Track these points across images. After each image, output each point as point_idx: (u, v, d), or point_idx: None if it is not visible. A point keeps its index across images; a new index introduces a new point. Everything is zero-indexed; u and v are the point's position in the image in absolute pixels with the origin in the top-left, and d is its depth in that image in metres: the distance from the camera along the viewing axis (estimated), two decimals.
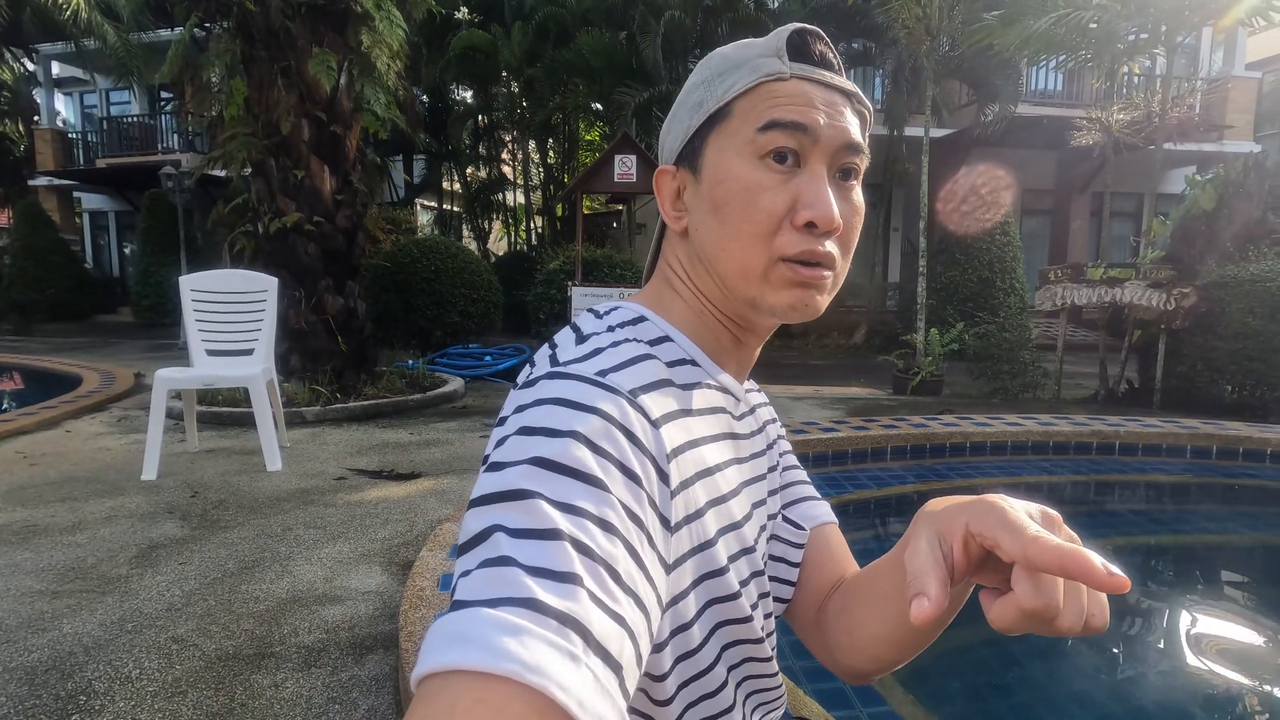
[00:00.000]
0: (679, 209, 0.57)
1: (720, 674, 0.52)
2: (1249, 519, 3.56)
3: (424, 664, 0.30)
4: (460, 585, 0.34)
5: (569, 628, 0.31)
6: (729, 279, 0.53)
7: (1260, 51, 14.55)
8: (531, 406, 0.42)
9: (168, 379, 3.39)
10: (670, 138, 0.57)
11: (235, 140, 5.24)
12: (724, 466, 0.53)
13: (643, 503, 0.41)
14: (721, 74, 0.53)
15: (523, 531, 0.35)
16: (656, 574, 0.40)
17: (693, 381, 0.53)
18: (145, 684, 1.71)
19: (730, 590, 0.51)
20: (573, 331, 0.54)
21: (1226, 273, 5.51)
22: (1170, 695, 2.13)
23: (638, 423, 0.43)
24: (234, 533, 2.71)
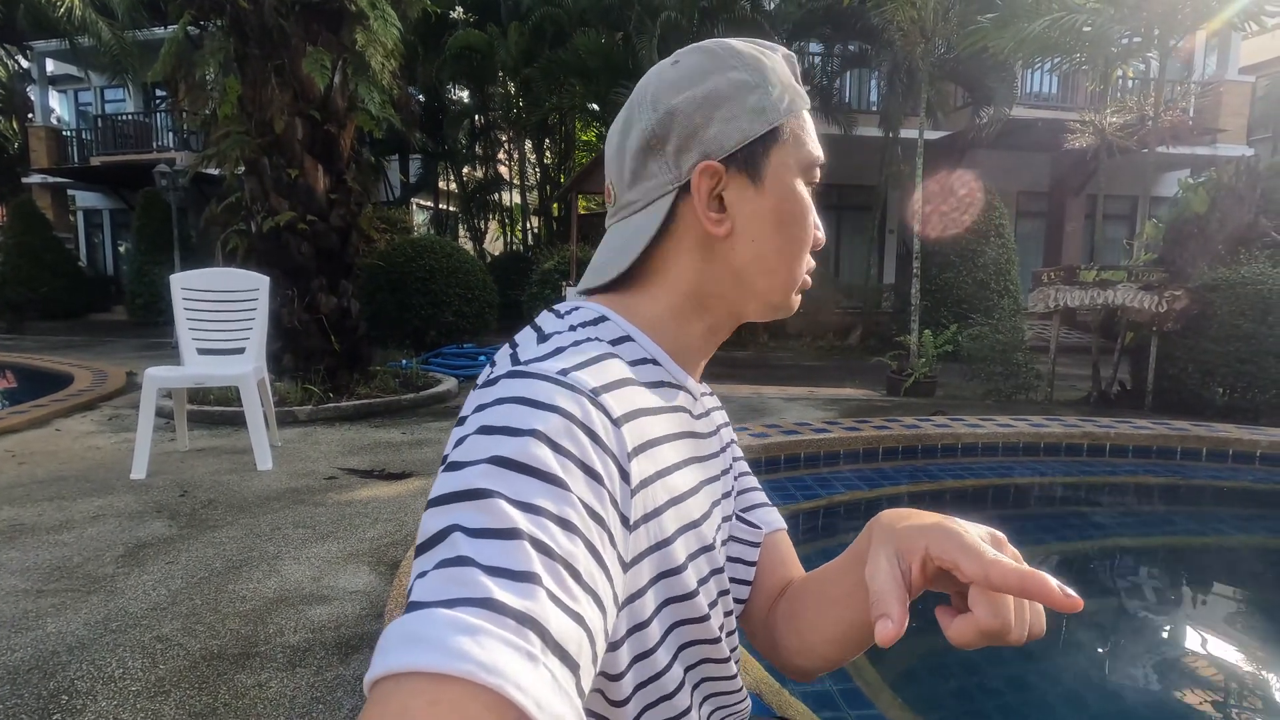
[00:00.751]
0: (718, 212, 0.54)
1: (677, 674, 0.52)
2: (1238, 521, 3.57)
3: (377, 667, 0.29)
4: (416, 586, 0.33)
5: (527, 627, 0.31)
6: (774, 289, 0.57)
7: (1253, 56, 14.62)
8: (492, 405, 0.42)
9: (157, 378, 3.38)
10: (715, 131, 0.53)
11: (229, 139, 5.22)
12: (683, 465, 0.53)
13: (604, 501, 0.41)
14: (770, 84, 0.54)
15: (481, 531, 0.35)
16: (615, 573, 0.40)
17: (654, 381, 0.53)
18: (128, 683, 1.70)
19: (687, 589, 0.51)
20: (533, 330, 0.53)
21: (1218, 275, 5.53)
22: (1157, 695, 2.13)
23: (599, 421, 0.43)
24: (222, 532, 2.70)
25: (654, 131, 0.54)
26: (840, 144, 11.66)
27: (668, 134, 0.53)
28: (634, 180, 0.55)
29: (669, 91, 0.54)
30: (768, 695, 1.71)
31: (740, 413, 5.17)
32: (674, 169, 0.54)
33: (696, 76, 0.54)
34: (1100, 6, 6.42)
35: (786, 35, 11.02)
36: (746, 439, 3.76)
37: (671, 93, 0.54)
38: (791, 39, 11.32)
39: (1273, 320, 5.17)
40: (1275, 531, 3.48)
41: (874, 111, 11.95)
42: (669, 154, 0.53)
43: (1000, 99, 10.33)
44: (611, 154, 0.58)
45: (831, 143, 11.77)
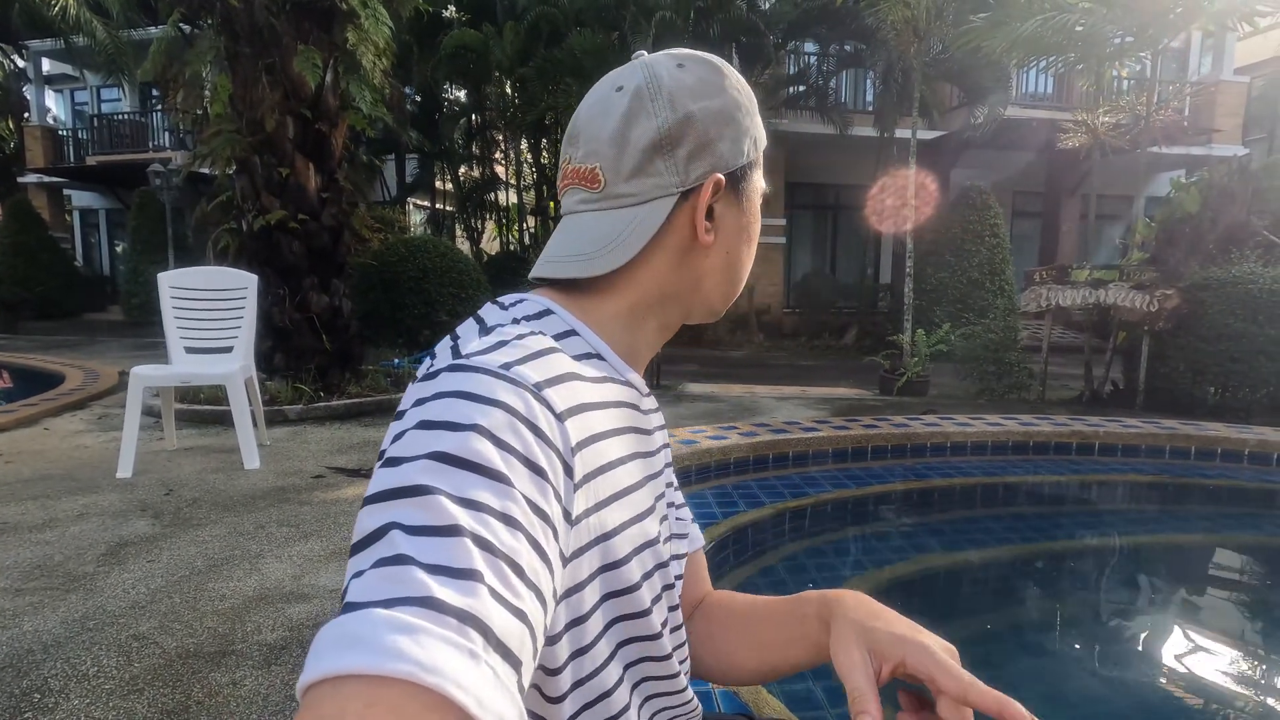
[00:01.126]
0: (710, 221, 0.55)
1: (615, 671, 0.51)
2: (1225, 519, 3.58)
3: (311, 671, 0.28)
4: (352, 586, 0.32)
5: (469, 626, 0.31)
6: (725, 296, 0.60)
7: (1248, 56, 14.64)
8: (432, 400, 0.41)
9: (144, 376, 3.37)
10: (727, 146, 0.55)
11: (220, 137, 5.22)
12: (628, 460, 0.53)
13: (548, 496, 0.40)
14: (756, 111, 0.59)
15: (421, 528, 0.34)
16: (556, 567, 0.40)
17: (599, 376, 0.52)
18: (102, 681, 1.69)
19: (630, 582, 0.50)
20: (475, 322, 0.53)
21: (1209, 274, 5.54)
22: (1143, 694, 2.13)
23: (542, 416, 0.42)
24: (205, 530, 2.70)
25: (670, 131, 0.53)
26: (836, 144, 11.68)
27: (683, 138, 0.53)
28: (635, 174, 0.53)
29: (687, 96, 0.54)
30: (745, 693, 1.70)
31: (732, 412, 5.17)
32: (681, 173, 0.53)
33: (712, 90, 0.55)
34: (1093, 6, 6.43)
35: (782, 35, 11.03)
36: (735, 438, 3.76)
37: (690, 98, 0.54)
38: (787, 38, 11.33)
39: (1263, 319, 5.18)
40: (1262, 530, 3.48)
41: (869, 111, 11.96)
42: (680, 157, 0.53)
43: (995, 99, 10.34)
44: (603, 136, 0.54)
45: (827, 142, 11.79)
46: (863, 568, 2.83)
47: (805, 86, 11.68)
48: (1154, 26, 6.35)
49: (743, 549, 2.82)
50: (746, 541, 2.87)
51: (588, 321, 0.54)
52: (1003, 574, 2.96)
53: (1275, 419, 4.99)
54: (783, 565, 2.78)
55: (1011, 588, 2.92)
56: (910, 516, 3.44)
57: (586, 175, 0.55)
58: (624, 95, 0.54)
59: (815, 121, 11.47)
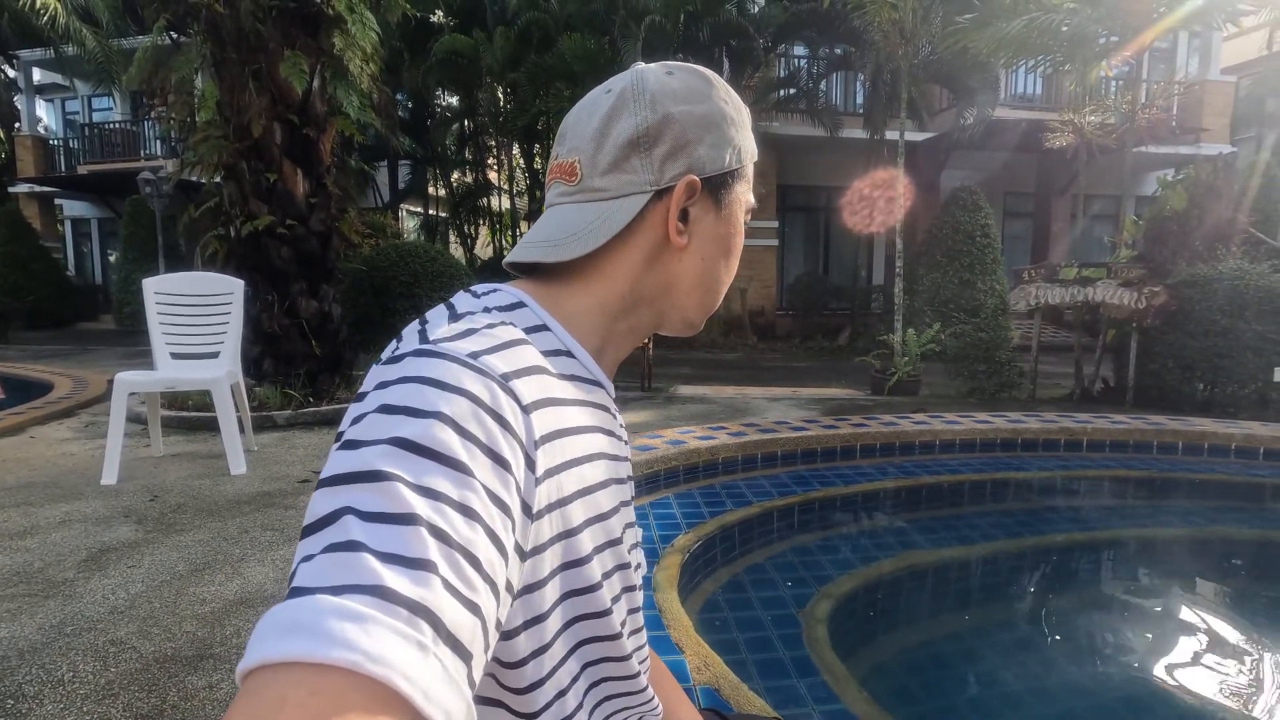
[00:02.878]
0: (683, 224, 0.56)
1: (572, 668, 0.51)
2: (1213, 513, 3.59)
3: (252, 656, 0.28)
4: (301, 570, 0.32)
5: (420, 617, 0.30)
6: (699, 306, 0.59)
7: (1235, 56, 14.75)
8: (395, 384, 0.40)
9: (128, 382, 3.36)
10: (707, 151, 0.55)
11: (207, 143, 5.20)
12: (594, 459, 0.52)
13: (509, 488, 0.40)
14: (744, 124, 0.58)
15: (375, 515, 0.33)
16: (513, 561, 0.39)
17: (567, 373, 0.52)
18: (77, 687, 1.68)
19: (591, 581, 0.50)
20: (446, 309, 0.52)
21: (1196, 271, 5.56)
22: (1131, 687, 2.13)
23: (508, 407, 0.42)
24: (188, 535, 2.68)
25: (648, 130, 0.54)
26: (827, 146, 11.72)
27: (660, 137, 0.54)
28: (610, 169, 0.55)
29: (669, 99, 0.55)
30: (726, 690, 1.69)
31: (723, 413, 5.17)
32: (656, 172, 0.54)
33: (696, 96, 0.56)
34: (1078, 6, 6.47)
35: (771, 38, 11.08)
36: (723, 438, 3.76)
37: (671, 101, 0.55)
38: (776, 42, 11.37)
39: (1250, 316, 5.20)
40: (1248, 523, 3.49)
41: (859, 114, 12.01)
42: (656, 156, 0.54)
43: (983, 100, 10.40)
44: (586, 133, 0.55)
45: (818, 145, 11.84)
46: (850, 565, 2.82)
47: (795, 89, 11.72)
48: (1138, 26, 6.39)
49: (730, 548, 2.82)
50: (734, 540, 2.86)
51: (558, 316, 0.54)
52: (991, 570, 2.96)
53: (1262, 414, 5.02)
54: (770, 564, 2.77)
55: (999, 584, 2.92)
56: (899, 514, 3.44)
57: (567, 169, 0.57)
58: (610, 95, 0.56)
59: (806, 124, 11.52)
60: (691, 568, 2.53)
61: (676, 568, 2.35)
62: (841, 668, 2.04)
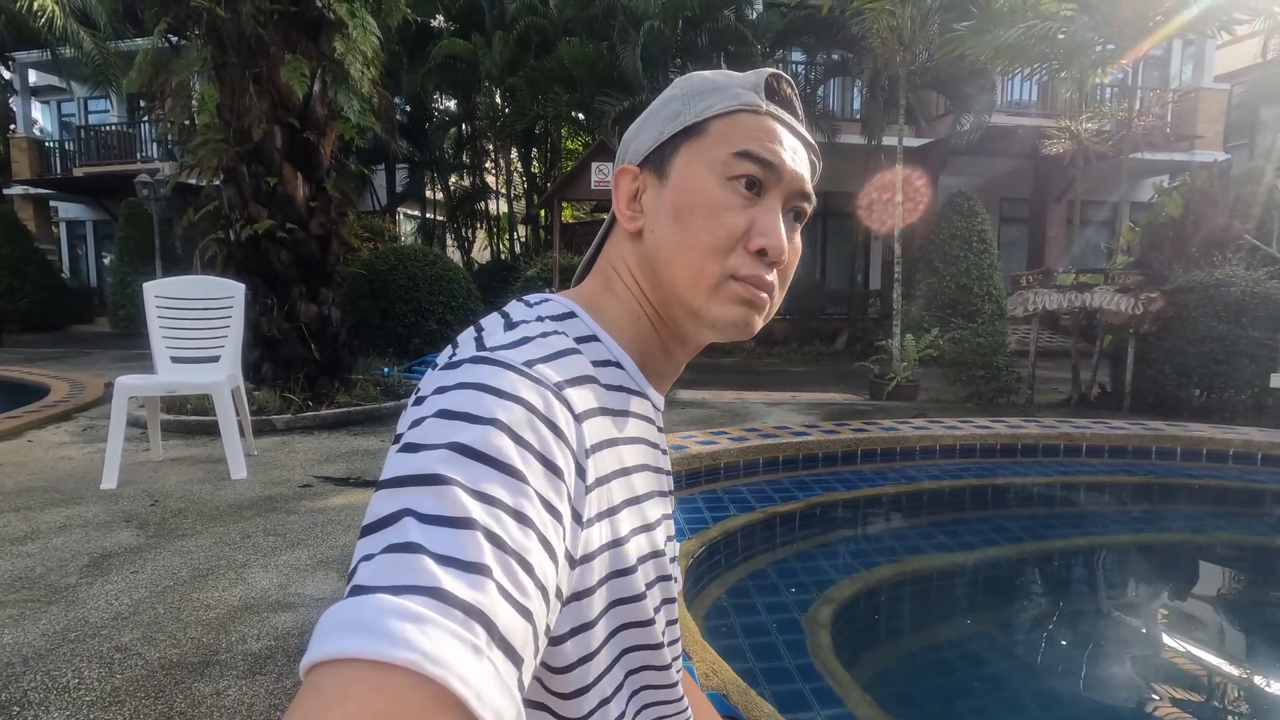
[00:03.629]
0: (635, 210, 0.57)
1: (616, 678, 0.51)
2: (1212, 519, 3.60)
3: (316, 651, 0.28)
4: (361, 570, 0.32)
5: (474, 620, 0.31)
6: (679, 286, 0.54)
7: (1229, 64, 14.87)
8: (454, 390, 0.41)
9: (128, 386, 3.34)
10: (639, 140, 0.58)
11: (207, 146, 5.19)
12: (640, 470, 0.53)
13: (562, 496, 0.40)
14: (701, 93, 0.56)
15: (434, 518, 0.34)
16: (564, 568, 0.40)
17: (616, 384, 0.53)
18: (83, 694, 1.67)
19: (636, 590, 0.50)
20: (501, 318, 0.53)
21: (1192, 278, 5.60)
22: (1131, 692, 2.14)
23: (561, 415, 0.42)
24: (190, 541, 2.67)
25: (618, 161, 0.60)
26: (824, 151, 11.58)
27: (621, 160, 0.59)
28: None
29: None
30: (735, 696, 1.70)
31: (722, 418, 5.17)
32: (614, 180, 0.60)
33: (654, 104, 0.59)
34: (1074, 14, 6.52)
35: (770, 44, 11.12)
36: (725, 443, 3.76)
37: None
38: (775, 48, 11.42)
39: (1246, 322, 5.24)
40: (1247, 529, 3.51)
41: (857, 119, 12.06)
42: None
43: (980, 106, 10.46)
44: None
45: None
46: (853, 570, 2.83)
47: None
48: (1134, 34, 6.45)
49: (733, 553, 2.82)
50: (737, 546, 2.87)
51: (604, 325, 0.56)
52: (992, 575, 2.97)
53: (1258, 419, 5.05)
54: (773, 569, 2.78)
55: (1000, 588, 2.93)
56: (900, 519, 3.45)
57: None
58: None
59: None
60: (696, 573, 2.53)
61: (681, 573, 2.35)
62: (844, 673, 2.05)
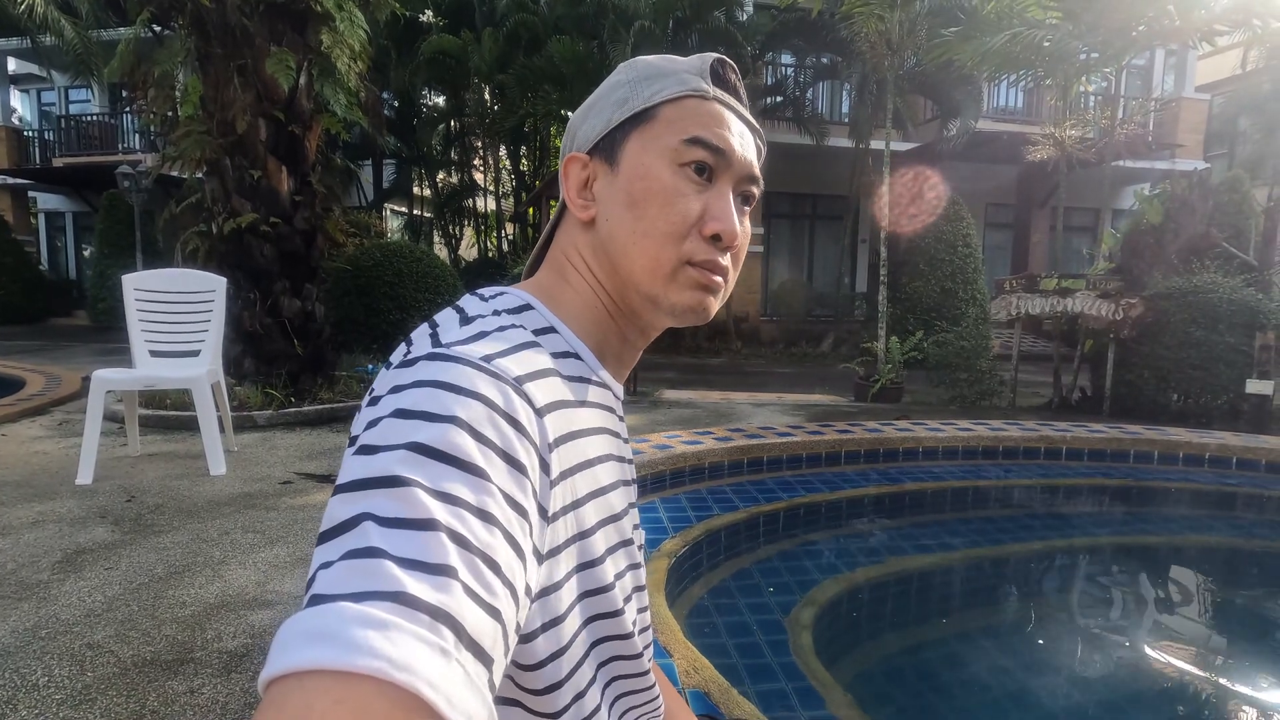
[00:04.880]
0: (586, 198, 0.56)
1: (588, 672, 0.51)
2: (1188, 521, 3.66)
3: (275, 664, 0.27)
4: (320, 577, 0.31)
5: (441, 622, 0.30)
6: (636, 273, 0.54)
7: (1209, 75, 15.13)
8: (410, 388, 0.40)
9: (105, 380, 3.29)
10: (586, 128, 0.57)
11: (189, 138, 5.12)
12: (604, 460, 0.53)
13: (527, 491, 0.40)
14: (648, 78, 0.55)
15: (395, 521, 0.33)
16: (531, 565, 0.39)
17: (576, 375, 0.52)
18: (52, 692, 1.64)
19: (605, 581, 0.50)
20: (456, 313, 0.52)
21: (1171, 284, 5.68)
22: (1109, 693, 2.16)
23: (522, 410, 0.42)
24: (167, 537, 2.63)
25: (564, 149, 0.60)
26: (813, 154, 11.83)
27: (569, 148, 0.59)
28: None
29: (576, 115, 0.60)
30: (716, 695, 1.69)
31: (708, 418, 5.18)
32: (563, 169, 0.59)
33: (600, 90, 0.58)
34: (1060, 23, 6.60)
35: (759, 46, 11.16)
36: (710, 443, 3.77)
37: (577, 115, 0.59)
38: (764, 50, 11.46)
39: (1223, 328, 5.32)
40: (1221, 531, 3.57)
41: (845, 123, 12.13)
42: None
43: (967, 112, 10.56)
44: None
45: (804, 153, 11.93)
46: (835, 570, 2.84)
47: (782, 97, 11.81)
48: (1117, 44, 6.53)
49: (716, 552, 2.82)
50: (720, 545, 2.87)
51: (561, 316, 0.55)
52: (972, 576, 2.99)
53: (1234, 424, 5.13)
54: (756, 568, 2.78)
55: (981, 589, 2.96)
56: (883, 520, 3.47)
57: None
58: None
59: (792, 132, 11.61)
60: (679, 572, 2.53)
61: (664, 572, 2.35)
62: (825, 673, 2.05)
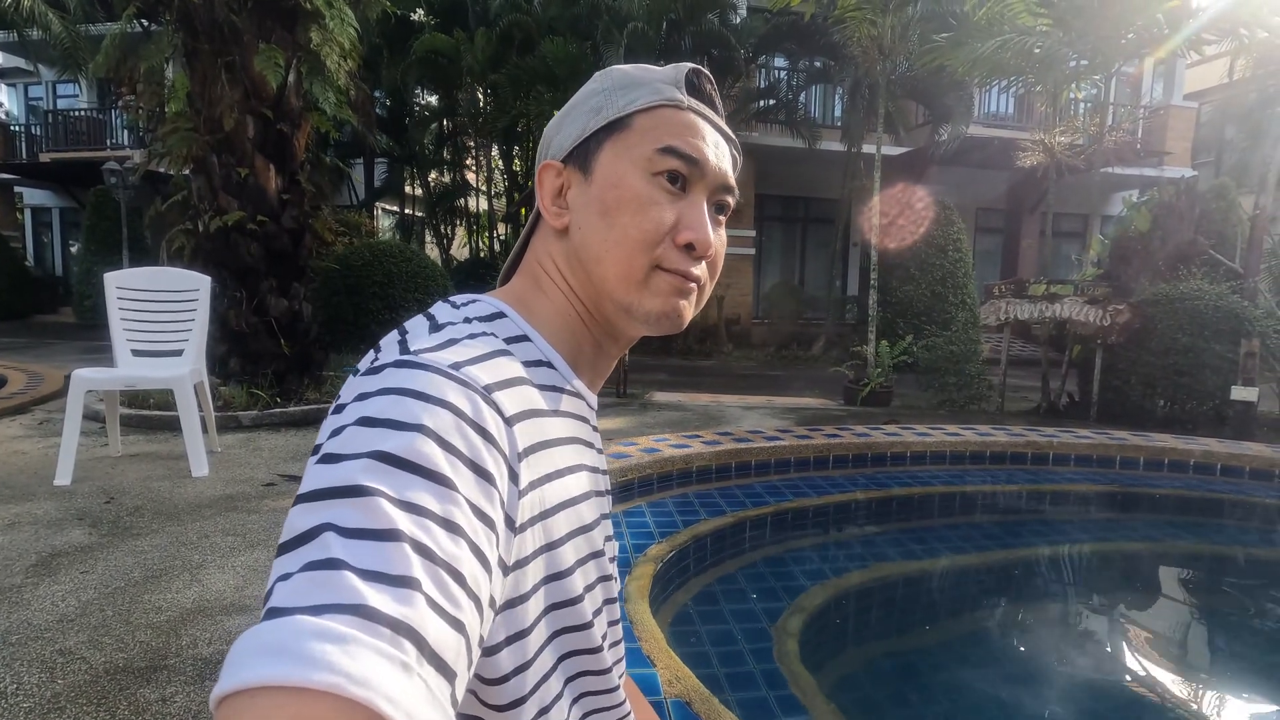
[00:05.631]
0: (560, 206, 0.56)
1: (555, 686, 0.49)
2: (1173, 527, 3.68)
3: (228, 680, 0.27)
4: (278, 590, 0.30)
5: (402, 636, 0.29)
6: (609, 281, 0.54)
7: (1197, 84, 15.27)
8: (376, 396, 0.39)
9: (86, 379, 3.24)
10: (560, 136, 0.57)
11: (176, 135, 5.07)
12: (576, 470, 0.52)
13: (494, 502, 0.39)
14: (623, 88, 0.55)
15: (357, 531, 0.32)
16: (497, 576, 0.39)
17: (549, 384, 0.52)
18: (21, 699, 1.60)
19: (574, 593, 0.49)
20: (426, 319, 0.51)
21: (1159, 291, 5.72)
22: (1092, 697, 2.17)
23: (491, 419, 0.41)
24: (145, 540, 2.59)
25: (540, 156, 0.59)
26: (805, 157, 11.85)
27: (544, 155, 0.58)
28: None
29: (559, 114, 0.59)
30: (697, 704, 1.68)
31: (698, 421, 5.17)
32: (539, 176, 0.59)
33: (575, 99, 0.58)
34: (1050, 30, 6.64)
35: (752, 49, 11.17)
36: (698, 446, 3.75)
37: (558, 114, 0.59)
38: (757, 53, 11.48)
39: (1209, 335, 5.36)
40: (1206, 537, 3.59)
41: (837, 127, 12.16)
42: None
43: (958, 117, 10.60)
44: None
45: (796, 156, 11.96)
46: (822, 575, 2.84)
47: (775, 100, 11.83)
48: (1106, 52, 6.58)
49: (702, 558, 2.81)
50: (707, 550, 2.86)
51: (535, 324, 0.55)
52: (959, 581, 2.99)
53: (1219, 430, 5.17)
54: (742, 573, 2.77)
55: (967, 594, 2.96)
56: (870, 525, 3.47)
57: None
58: None
59: (785, 135, 11.63)
60: (664, 578, 2.51)
61: (649, 578, 2.34)
62: (811, 681, 2.04)
